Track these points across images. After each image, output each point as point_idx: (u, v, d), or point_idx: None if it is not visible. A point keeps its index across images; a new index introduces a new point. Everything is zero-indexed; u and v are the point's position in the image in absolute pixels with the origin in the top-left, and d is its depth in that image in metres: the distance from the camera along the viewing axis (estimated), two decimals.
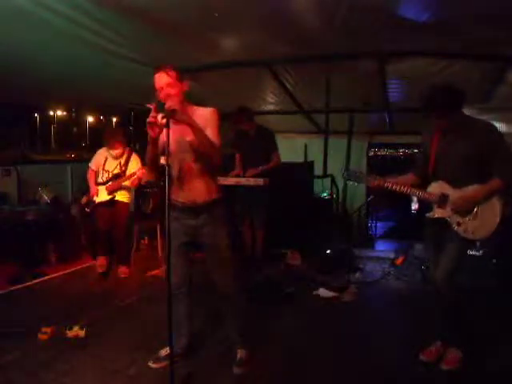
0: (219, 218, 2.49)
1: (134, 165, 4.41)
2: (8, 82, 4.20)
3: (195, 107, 2.41)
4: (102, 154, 4.48)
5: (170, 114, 2.08)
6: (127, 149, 4.50)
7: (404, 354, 2.71)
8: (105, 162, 4.43)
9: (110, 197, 4.32)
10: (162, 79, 2.28)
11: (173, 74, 2.29)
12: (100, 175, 4.44)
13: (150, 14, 2.98)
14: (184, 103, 2.34)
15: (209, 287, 2.67)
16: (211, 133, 2.30)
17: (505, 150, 2.37)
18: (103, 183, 4.38)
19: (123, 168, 4.38)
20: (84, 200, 4.47)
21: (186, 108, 2.33)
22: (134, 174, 4.29)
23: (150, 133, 2.15)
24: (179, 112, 2.12)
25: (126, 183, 4.35)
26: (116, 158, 4.41)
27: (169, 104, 2.10)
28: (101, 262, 4.41)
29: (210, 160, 2.34)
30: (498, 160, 2.35)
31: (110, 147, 4.39)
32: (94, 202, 4.37)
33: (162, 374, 2.28)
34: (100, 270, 4.36)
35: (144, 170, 4.28)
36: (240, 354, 2.59)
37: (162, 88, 2.28)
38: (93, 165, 4.49)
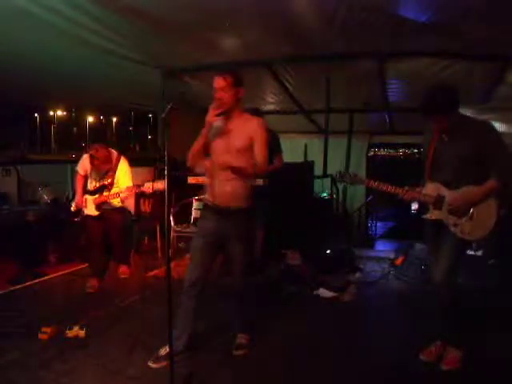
0: (243, 224, 2.57)
1: (122, 176, 3.99)
2: (8, 82, 4.20)
3: (245, 115, 2.53)
4: (87, 159, 4.03)
5: (172, 109, 2.13)
6: (114, 154, 4.03)
7: (404, 354, 2.71)
8: (91, 168, 4.00)
9: (99, 213, 3.94)
10: (218, 83, 2.40)
11: (229, 79, 2.38)
12: (88, 181, 4.04)
13: (150, 13, 2.98)
14: (237, 109, 2.47)
15: (211, 287, 2.67)
16: (258, 147, 2.47)
17: (503, 150, 2.35)
18: (91, 192, 3.98)
19: (109, 179, 3.94)
20: (74, 208, 4.06)
21: (237, 114, 2.48)
22: (117, 194, 3.90)
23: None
24: (235, 168, 2.34)
25: (115, 201, 3.96)
26: (100, 167, 3.96)
27: (225, 162, 2.37)
28: (92, 284, 3.89)
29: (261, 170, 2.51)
30: (495, 160, 2.33)
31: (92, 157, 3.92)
32: (83, 213, 4.00)
33: (162, 373, 2.28)
34: (90, 291, 3.83)
35: (132, 190, 3.86)
36: (239, 339, 2.76)
37: (217, 90, 2.40)
38: (80, 169, 4.05)
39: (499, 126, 4.96)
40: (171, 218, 4.64)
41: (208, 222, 2.59)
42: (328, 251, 4.66)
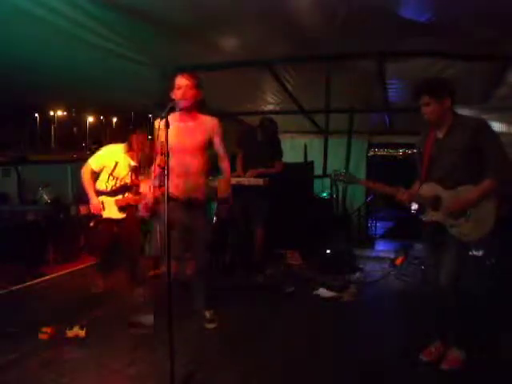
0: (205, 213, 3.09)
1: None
2: (8, 82, 4.20)
3: (200, 115, 2.89)
4: (114, 154, 3.64)
5: (172, 108, 2.28)
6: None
7: (404, 354, 2.71)
8: (115, 166, 3.62)
9: (123, 215, 3.67)
10: (182, 81, 2.72)
11: (193, 79, 2.73)
12: (104, 181, 3.66)
13: (150, 13, 2.98)
14: (194, 109, 2.82)
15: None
16: (219, 142, 2.95)
17: (497, 148, 2.33)
18: (108, 193, 3.65)
19: (134, 178, 3.70)
20: (83, 210, 3.62)
21: (194, 113, 2.85)
22: (142, 197, 3.53)
23: None
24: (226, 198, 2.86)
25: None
26: (129, 164, 3.68)
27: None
28: (97, 282, 3.85)
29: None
30: (490, 157, 2.31)
31: (131, 152, 3.65)
32: (100, 217, 3.62)
33: (162, 373, 2.28)
34: (94, 291, 3.78)
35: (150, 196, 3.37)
36: (208, 314, 3.07)
37: (181, 87, 2.70)
38: (94, 163, 3.59)
39: (499, 126, 4.96)
40: None
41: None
42: (328, 251, 4.66)
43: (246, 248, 4.65)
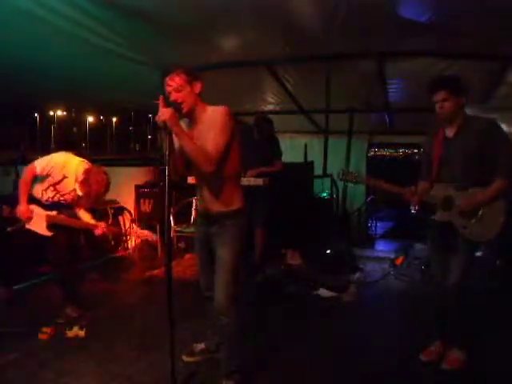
0: (231, 230, 2.31)
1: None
2: (8, 82, 4.20)
3: (208, 107, 2.25)
4: (66, 168, 3.06)
5: (165, 126, 2.05)
6: (86, 167, 3.10)
7: (404, 354, 2.71)
8: (61, 180, 3.06)
9: (49, 234, 3.14)
10: (169, 84, 2.17)
11: (180, 78, 2.15)
12: (42, 188, 3.09)
13: (150, 13, 2.98)
14: (197, 105, 2.22)
15: None
16: (212, 137, 2.14)
17: (508, 148, 2.33)
18: (41, 203, 3.13)
19: (75, 196, 3.13)
20: (6, 211, 3.14)
21: (199, 110, 2.23)
22: (91, 225, 3.17)
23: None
24: (169, 123, 2.04)
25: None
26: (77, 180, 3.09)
27: (161, 118, 2.04)
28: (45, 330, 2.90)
29: (199, 168, 2.14)
30: (500, 158, 2.32)
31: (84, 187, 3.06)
32: (22, 226, 3.12)
33: (162, 373, 2.28)
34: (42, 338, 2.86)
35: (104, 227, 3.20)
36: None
37: (170, 93, 2.17)
38: (41, 167, 3.03)
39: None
40: (171, 218, 4.64)
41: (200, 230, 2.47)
42: (328, 251, 4.66)
43: (246, 248, 4.64)
